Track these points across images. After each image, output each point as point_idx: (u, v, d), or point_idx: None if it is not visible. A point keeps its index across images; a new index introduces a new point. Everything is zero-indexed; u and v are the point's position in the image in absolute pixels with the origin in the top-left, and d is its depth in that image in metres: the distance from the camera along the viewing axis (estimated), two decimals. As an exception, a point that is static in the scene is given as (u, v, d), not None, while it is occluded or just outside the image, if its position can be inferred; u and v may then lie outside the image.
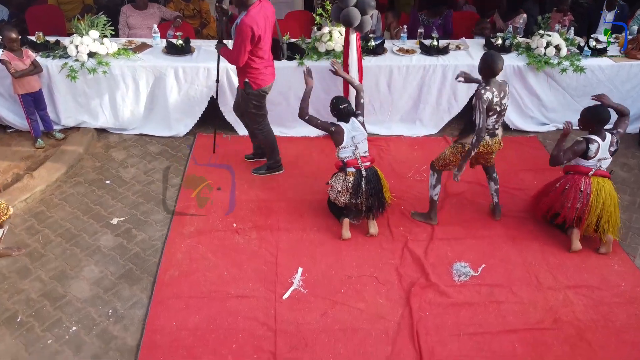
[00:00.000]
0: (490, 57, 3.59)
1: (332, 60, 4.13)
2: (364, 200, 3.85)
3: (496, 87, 3.60)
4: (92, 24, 4.81)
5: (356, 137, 3.84)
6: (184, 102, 5.05)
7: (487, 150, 3.81)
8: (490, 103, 3.56)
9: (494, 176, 4.12)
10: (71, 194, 4.36)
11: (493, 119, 3.66)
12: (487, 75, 3.62)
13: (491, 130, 3.73)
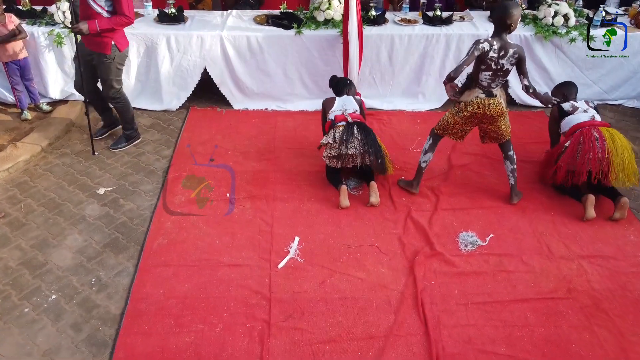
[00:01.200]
0: (503, 6, 3.32)
1: None
2: (358, 151, 3.68)
3: (499, 42, 3.36)
4: (80, -10, 4.59)
5: (347, 108, 3.90)
6: (177, 74, 4.84)
7: (484, 111, 3.50)
8: (483, 54, 3.33)
9: (510, 154, 3.79)
10: (57, 165, 4.15)
11: (487, 75, 3.43)
12: (497, 26, 3.38)
13: (486, 88, 3.49)
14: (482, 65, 3.40)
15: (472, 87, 3.53)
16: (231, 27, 4.82)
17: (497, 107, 3.52)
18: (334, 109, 3.93)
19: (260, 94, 5.02)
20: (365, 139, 3.71)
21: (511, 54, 3.40)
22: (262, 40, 4.74)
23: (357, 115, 3.86)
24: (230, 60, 4.78)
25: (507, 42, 3.41)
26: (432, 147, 3.85)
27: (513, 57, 3.41)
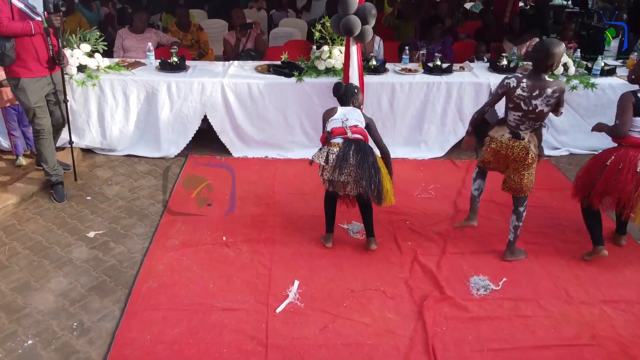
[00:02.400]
0: (543, 44, 3.06)
1: None
2: (351, 178, 3.17)
3: (533, 80, 3.08)
4: (85, 38, 4.65)
5: (349, 118, 3.36)
6: (177, 120, 4.79)
7: (507, 152, 3.26)
8: (509, 91, 3.13)
9: (519, 210, 3.41)
10: (47, 209, 3.99)
11: (516, 115, 3.18)
12: (535, 66, 3.10)
13: (513, 128, 3.24)
14: (509, 103, 3.20)
15: (502, 123, 3.32)
16: (233, 75, 4.84)
17: (521, 152, 3.21)
18: (333, 117, 3.38)
19: (260, 142, 4.95)
20: (360, 161, 3.14)
21: (549, 94, 3.07)
22: (263, 87, 4.73)
23: (360, 130, 3.32)
24: (231, 107, 4.75)
25: (546, 81, 3.09)
26: (479, 175, 3.64)
27: (552, 97, 3.09)
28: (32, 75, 3.79)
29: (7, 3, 3.57)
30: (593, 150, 4.84)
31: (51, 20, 3.78)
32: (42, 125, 3.95)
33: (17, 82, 3.77)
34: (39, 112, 3.89)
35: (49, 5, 3.74)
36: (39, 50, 3.77)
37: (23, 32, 3.65)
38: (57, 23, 3.81)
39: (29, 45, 3.71)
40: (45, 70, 3.85)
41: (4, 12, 3.56)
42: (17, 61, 3.70)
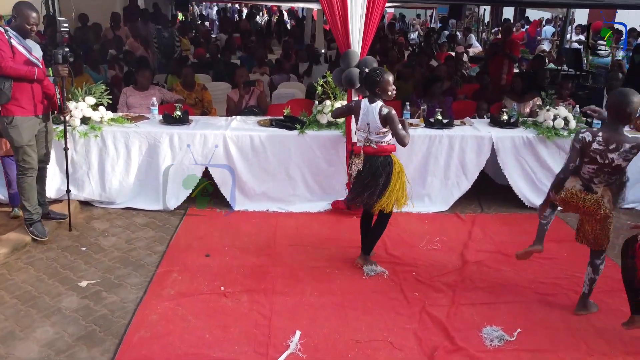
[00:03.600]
0: (619, 93, 2.91)
1: None
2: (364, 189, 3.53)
3: (609, 133, 2.91)
4: (90, 92, 4.72)
5: (370, 126, 3.51)
6: (178, 173, 4.75)
7: (577, 203, 3.09)
8: (585, 146, 2.96)
9: (596, 262, 3.22)
10: (39, 259, 3.85)
11: (590, 168, 3.00)
12: (611, 117, 2.94)
13: (585, 181, 3.07)
14: (584, 157, 3.02)
15: (575, 174, 3.14)
16: (235, 127, 4.86)
17: (593, 206, 3.04)
18: (359, 125, 3.59)
19: (261, 195, 4.88)
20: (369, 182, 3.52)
21: (627, 149, 2.88)
22: (265, 139, 4.73)
23: (371, 149, 3.52)
24: (233, 159, 4.72)
25: (623, 135, 2.91)
26: (550, 206, 3.37)
27: (630, 153, 2.89)
28: (26, 114, 3.86)
29: (7, 44, 3.67)
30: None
31: (58, 71, 3.86)
32: (31, 164, 3.98)
33: (11, 120, 3.82)
34: (29, 150, 3.94)
35: (57, 56, 3.84)
36: (35, 92, 3.86)
37: (26, 76, 3.74)
38: (64, 73, 3.89)
39: (26, 86, 3.81)
40: (38, 110, 3.94)
41: (6, 52, 3.65)
42: (11, 100, 3.77)
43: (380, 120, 3.46)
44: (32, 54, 3.83)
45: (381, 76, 3.48)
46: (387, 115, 3.44)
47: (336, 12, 4.24)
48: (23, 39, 3.81)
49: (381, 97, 3.51)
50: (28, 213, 4.06)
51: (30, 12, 3.78)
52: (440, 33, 14.39)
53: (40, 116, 3.98)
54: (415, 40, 15.50)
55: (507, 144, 4.95)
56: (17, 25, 3.80)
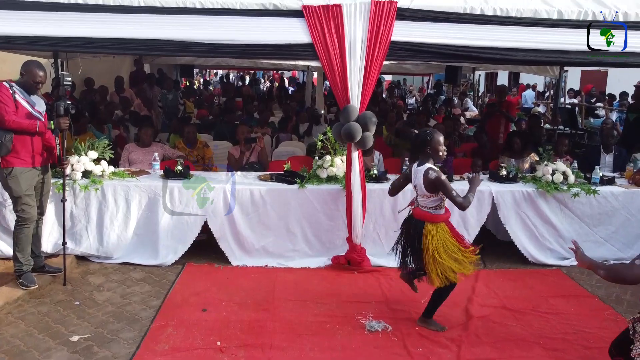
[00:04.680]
0: None
1: None
2: None
3: None
4: (93, 146, 4.78)
5: (418, 188, 3.48)
6: (176, 227, 4.71)
7: None
8: None
9: None
10: (31, 313, 3.74)
11: None
12: None
13: None
14: None
15: None
16: (235, 182, 4.87)
17: None
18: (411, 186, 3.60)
19: (260, 250, 4.82)
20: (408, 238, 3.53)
21: None
22: (265, 193, 4.74)
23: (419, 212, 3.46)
24: (232, 213, 4.71)
25: None
26: None
27: None
28: (24, 165, 3.94)
29: (11, 98, 3.79)
30: (604, 260, 4.68)
31: (59, 123, 3.94)
32: (29, 214, 4.01)
33: (10, 170, 3.89)
34: (27, 200, 3.97)
35: (59, 108, 3.93)
36: (35, 145, 3.96)
37: (28, 129, 3.85)
38: (65, 125, 3.97)
39: (27, 139, 3.91)
40: (37, 162, 4.01)
41: (10, 107, 3.77)
42: (11, 152, 3.85)
43: (426, 185, 3.34)
44: (35, 108, 3.97)
45: (432, 135, 3.38)
46: (435, 181, 3.30)
47: (335, 68, 4.37)
48: (28, 94, 3.96)
49: (431, 158, 3.42)
50: (19, 264, 4.04)
51: (37, 70, 3.93)
52: (437, 98, 14.80)
53: (39, 168, 4.06)
54: (413, 105, 15.91)
55: (508, 199, 4.95)
56: (24, 82, 3.95)
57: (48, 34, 4.32)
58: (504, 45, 4.51)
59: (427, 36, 4.45)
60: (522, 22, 4.50)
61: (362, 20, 4.36)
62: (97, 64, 9.38)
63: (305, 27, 4.38)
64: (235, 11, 4.42)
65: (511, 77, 19.91)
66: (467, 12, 4.47)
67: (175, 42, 4.39)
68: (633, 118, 6.61)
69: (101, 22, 4.32)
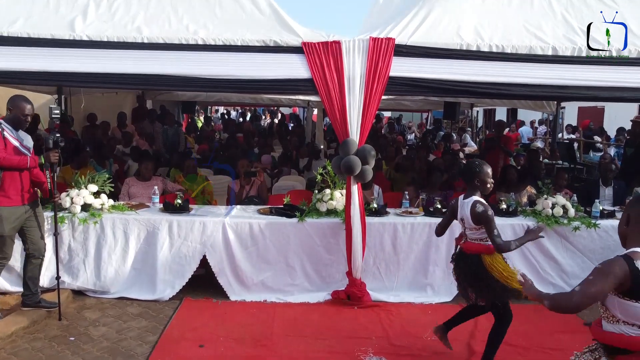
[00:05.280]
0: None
1: None
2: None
3: None
4: (93, 179, 4.80)
5: (465, 221, 3.41)
6: (175, 261, 4.67)
7: None
8: None
9: None
10: (24, 349, 3.66)
11: None
12: None
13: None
14: None
15: None
16: (235, 215, 4.88)
17: None
18: (458, 220, 3.56)
19: (259, 284, 4.76)
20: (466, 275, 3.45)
21: None
22: (264, 226, 4.72)
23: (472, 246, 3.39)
24: (231, 246, 4.68)
25: None
26: None
27: None
28: (11, 204, 3.90)
29: (0, 136, 3.80)
30: (607, 294, 4.62)
31: (49, 156, 3.94)
32: (7, 255, 4.03)
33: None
34: (8, 241, 3.97)
35: (48, 141, 3.94)
36: (23, 182, 3.94)
37: (19, 166, 3.85)
38: (55, 159, 3.96)
39: (16, 176, 3.89)
40: (25, 199, 3.99)
41: None
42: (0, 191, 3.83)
43: (473, 217, 3.30)
44: (23, 144, 3.98)
45: (481, 167, 3.37)
46: (481, 215, 3.25)
47: (335, 103, 4.43)
48: (16, 130, 3.97)
49: (479, 190, 3.39)
50: None
51: (25, 104, 3.96)
52: (436, 134, 14.94)
53: (27, 205, 4.02)
54: (412, 141, 16.05)
55: (508, 232, 4.92)
56: (12, 117, 3.95)
57: (52, 69, 4.40)
58: (501, 81, 4.59)
59: (424, 71, 4.54)
60: (517, 58, 4.59)
61: (361, 57, 4.45)
62: (100, 100, 9.52)
63: (305, 63, 4.47)
64: (237, 47, 4.52)
65: (509, 114, 20.15)
66: (464, 49, 4.57)
67: (177, 77, 4.47)
68: (630, 152, 6.66)
69: (105, 57, 4.41)
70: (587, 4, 5.03)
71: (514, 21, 4.89)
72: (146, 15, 4.72)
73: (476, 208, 3.27)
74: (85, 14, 4.71)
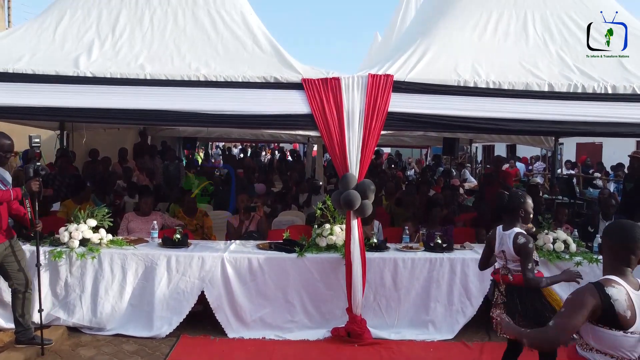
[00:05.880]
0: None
1: None
2: None
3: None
4: (92, 214, 4.79)
5: (506, 253, 3.33)
6: (172, 296, 4.62)
7: None
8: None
9: None
10: (16, 388, 3.58)
11: None
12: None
13: None
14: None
15: None
16: (234, 250, 4.84)
17: None
18: (495, 251, 3.42)
19: (257, 321, 4.68)
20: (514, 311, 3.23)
21: None
22: (263, 262, 4.68)
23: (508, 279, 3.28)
24: (230, 282, 4.63)
25: None
26: None
27: None
28: None
29: None
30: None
31: (30, 185, 3.93)
32: None
33: None
34: None
35: (28, 170, 3.94)
36: (2, 219, 3.93)
37: (3, 199, 3.85)
38: (36, 188, 3.96)
39: None
40: (6, 236, 3.98)
41: None
42: None
43: (515, 249, 3.28)
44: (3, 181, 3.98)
45: (525, 197, 3.38)
46: (522, 246, 3.24)
47: (334, 138, 4.47)
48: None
49: (521, 221, 3.38)
50: None
51: (4, 140, 4.00)
52: (436, 170, 14.99)
53: (6, 242, 4.01)
54: (412, 176, 16.09)
55: (510, 268, 4.87)
56: None
57: (55, 105, 4.46)
58: (498, 116, 4.64)
59: (422, 107, 4.60)
60: (514, 94, 4.66)
61: (360, 93, 4.52)
62: (102, 136, 9.60)
63: (305, 98, 4.53)
64: (238, 84, 4.60)
65: (508, 150, 20.29)
66: (461, 85, 4.64)
67: (179, 112, 4.52)
68: (630, 187, 6.66)
69: (107, 93, 4.47)
70: (581, 43, 5.14)
71: (510, 58, 4.99)
72: (149, 53, 4.84)
73: (518, 240, 3.27)
74: (90, 51, 4.82)
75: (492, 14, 5.39)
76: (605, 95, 4.65)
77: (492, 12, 5.40)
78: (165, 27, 5.12)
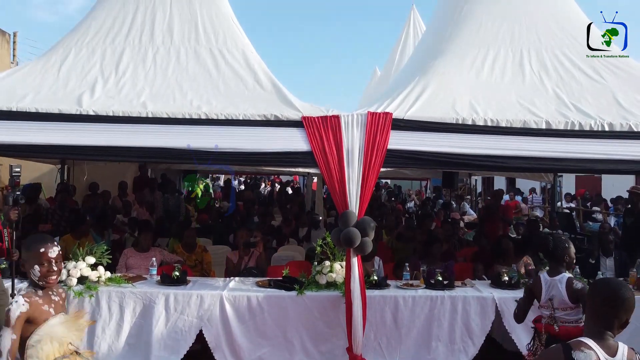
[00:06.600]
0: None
1: None
2: None
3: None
4: (91, 251, 4.76)
5: (554, 301, 3.12)
6: (170, 336, 4.54)
7: None
8: None
9: None
10: None
11: None
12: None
13: None
14: None
15: None
16: (233, 288, 4.80)
17: None
18: (542, 301, 3.14)
19: (257, 361, 4.61)
20: None
21: None
22: (262, 300, 4.63)
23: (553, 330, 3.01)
24: (229, 320, 4.57)
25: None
26: None
27: None
28: None
29: None
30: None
31: (9, 215, 3.91)
32: None
33: None
34: None
35: (8, 198, 3.94)
36: None
37: None
38: (14, 217, 3.94)
39: None
40: None
41: None
42: None
43: (569, 295, 3.11)
44: None
45: (569, 243, 3.30)
46: (581, 291, 3.04)
47: (334, 175, 4.49)
48: None
49: (567, 266, 3.26)
50: None
51: None
52: (435, 202, 14.98)
53: None
54: (412, 209, 16.07)
55: (512, 306, 4.77)
56: None
57: (57, 143, 4.49)
58: (496, 153, 4.67)
59: (421, 145, 4.63)
60: (512, 132, 4.71)
61: (359, 130, 4.57)
62: (102, 169, 9.64)
63: (304, 136, 4.57)
64: (239, 122, 4.65)
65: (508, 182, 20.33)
66: (459, 123, 4.70)
67: (181, 150, 4.54)
68: (630, 222, 6.66)
69: (109, 131, 4.52)
70: (577, 80, 5.23)
71: (507, 96, 5.07)
72: (152, 91, 4.91)
73: (574, 285, 3.10)
74: (93, 89, 4.89)
75: (488, 52, 5.50)
76: (602, 133, 4.70)
77: (488, 50, 5.52)
78: (168, 65, 5.21)
